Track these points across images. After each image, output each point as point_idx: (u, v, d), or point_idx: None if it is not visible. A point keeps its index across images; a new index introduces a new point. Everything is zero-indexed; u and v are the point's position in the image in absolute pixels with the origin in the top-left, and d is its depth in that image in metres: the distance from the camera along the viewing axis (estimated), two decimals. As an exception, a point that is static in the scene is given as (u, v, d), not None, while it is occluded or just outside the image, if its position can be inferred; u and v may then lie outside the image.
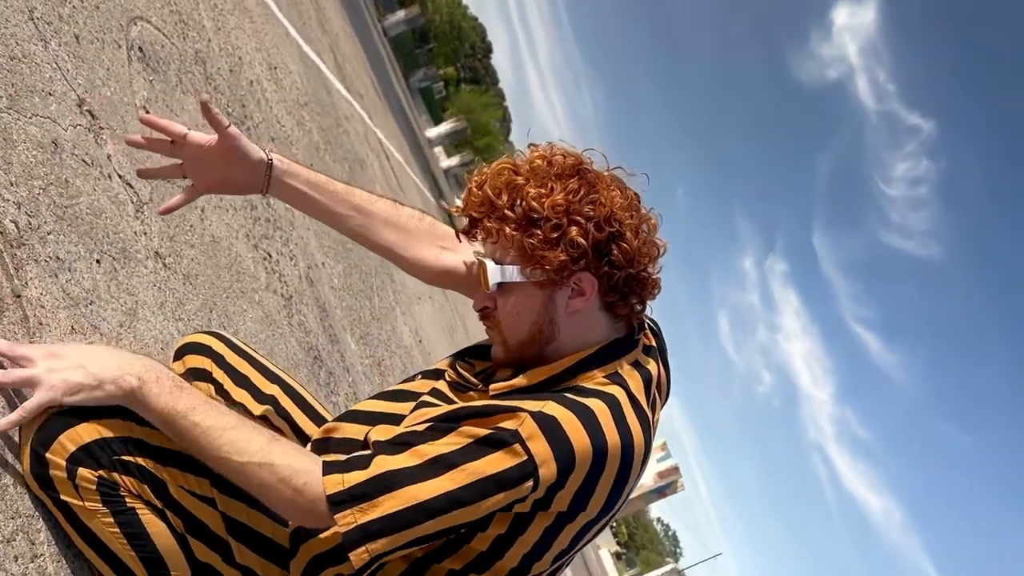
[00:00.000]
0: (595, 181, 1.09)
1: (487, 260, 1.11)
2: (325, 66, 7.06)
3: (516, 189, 1.07)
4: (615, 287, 1.09)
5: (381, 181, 7.87)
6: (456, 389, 1.18)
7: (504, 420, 1.01)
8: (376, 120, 10.62)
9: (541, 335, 1.12)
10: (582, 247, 1.04)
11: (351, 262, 4.27)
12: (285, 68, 4.70)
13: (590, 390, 1.05)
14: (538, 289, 1.09)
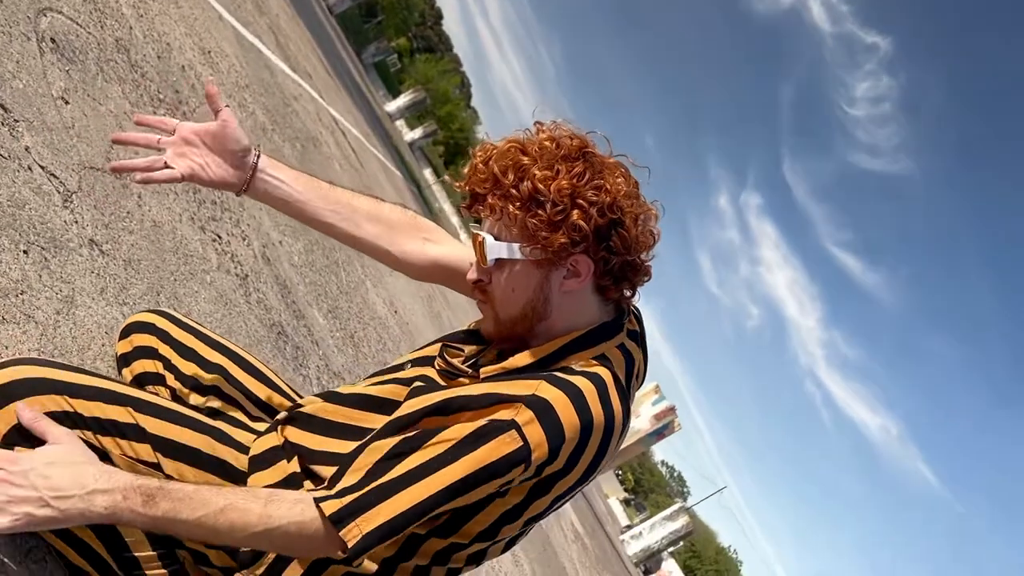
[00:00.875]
0: (600, 166, 1.09)
1: (486, 235, 1.12)
2: (266, 47, 6.93)
3: (523, 169, 1.07)
4: (610, 272, 1.11)
5: (338, 158, 7.79)
6: (446, 376, 1.18)
7: (499, 410, 1.03)
8: (328, 98, 10.48)
9: (534, 312, 1.13)
10: (584, 231, 1.06)
11: (312, 239, 4.24)
12: (221, 52, 4.62)
13: (578, 370, 1.07)
14: (535, 267, 1.11)
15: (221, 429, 1.20)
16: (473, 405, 1.05)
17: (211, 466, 1.14)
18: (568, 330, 1.13)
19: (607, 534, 22.80)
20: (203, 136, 1.28)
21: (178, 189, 2.54)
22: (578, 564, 9.10)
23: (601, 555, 14.25)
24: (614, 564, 17.04)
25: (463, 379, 1.15)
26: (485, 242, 1.12)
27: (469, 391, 1.09)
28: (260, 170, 1.30)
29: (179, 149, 1.27)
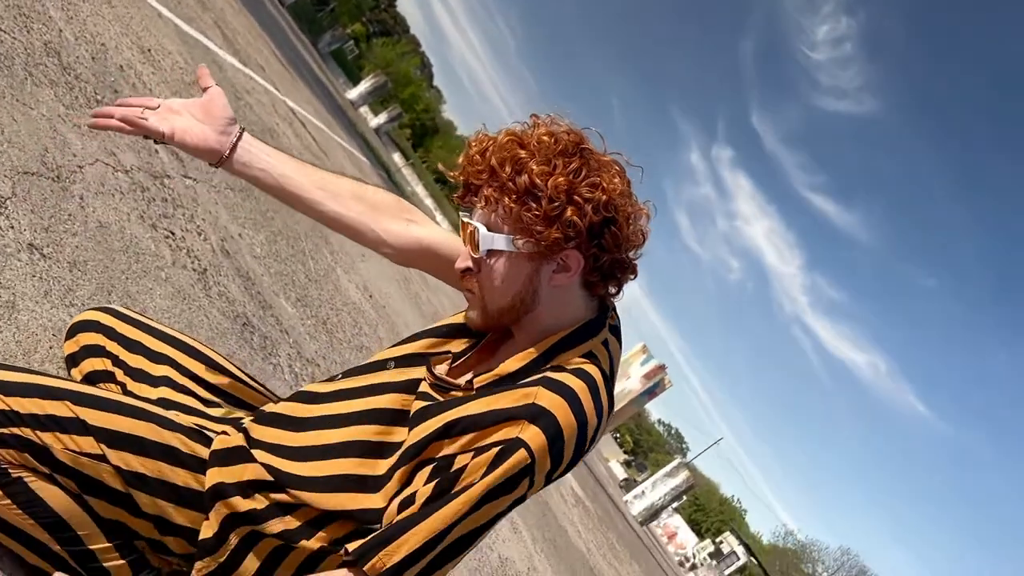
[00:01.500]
0: (597, 164, 1.09)
1: (479, 225, 1.12)
2: (212, 43, 6.83)
3: (520, 162, 1.07)
4: (599, 268, 1.12)
5: (298, 148, 7.71)
6: (439, 390, 1.16)
7: (503, 428, 1.04)
8: (284, 89, 10.34)
9: (522, 304, 1.13)
10: (578, 227, 1.06)
11: (274, 229, 4.21)
12: (162, 50, 4.54)
13: (569, 369, 1.09)
14: (526, 260, 1.11)
15: (167, 416, 1.19)
16: (477, 425, 1.06)
17: (158, 453, 1.13)
18: (555, 323, 1.14)
19: (609, 496, 23.04)
20: (189, 108, 1.26)
21: (123, 188, 2.51)
22: (580, 527, 9.20)
23: (604, 516, 14.41)
24: (619, 524, 17.24)
25: (456, 392, 1.15)
26: (478, 232, 1.12)
27: (470, 410, 1.09)
28: (244, 141, 1.28)
29: (163, 115, 1.25)
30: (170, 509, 1.15)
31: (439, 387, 1.16)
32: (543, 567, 5.20)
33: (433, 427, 1.10)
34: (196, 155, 1.28)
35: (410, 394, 1.20)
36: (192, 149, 1.26)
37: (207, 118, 1.26)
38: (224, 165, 1.29)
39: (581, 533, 8.88)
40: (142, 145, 3.01)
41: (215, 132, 1.26)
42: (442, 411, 1.11)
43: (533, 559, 5.04)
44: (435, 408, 1.13)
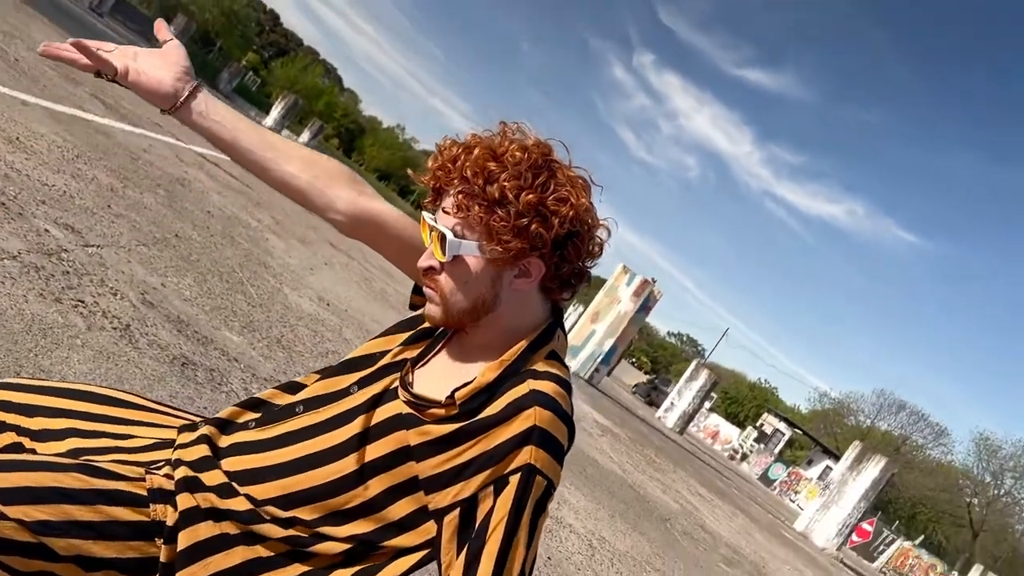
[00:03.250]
0: (565, 179, 1.12)
1: (446, 230, 1.13)
2: (92, 114, 6.71)
3: (492, 174, 1.09)
4: (559, 276, 1.16)
5: (215, 188, 7.62)
6: (418, 409, 1.16)
7: (516, 457, 1.07)
8: (188, 137, 10.19)
9: (483, 306, 1.16)
10: (544, 239, 1.10)
11: (201, 270, 4.19)
12: (33, 134, 4.46)
13: (542, 372, 1.14)
14: (489, 264, 1.13)
15: (62, 461, 1.19)
16: (492, 461, 1.09)
17: (56, 496, 1.13)
18: (514, 324, 1.18)
19: (641, 418, 23.31)
20: (145, 55, 1.23)
21: (15, 273, 2.48)
22: (612, 452, 9.33)
23: (637, 437, 14.60)
24: (655, 439, 17.46)
25: (436, 409, 1.14)
26: (445, 237, 1.13)
27: (480, 448, 1.10)
28: (201, 91, 1.25)
29: (118, 55, 1.21)
30: (89, 545, 1.16)
31: (418, 405, 1.16)
32: (575, 497, 5.29)
33: (443, 467, 1.12)
34: (150, 98, 1.24)
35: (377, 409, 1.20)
36: (146, 91, 1.22)
37: (164, 65, 1.23)
38: (179, 112, 1.24)
39: (613, 458, 9.01)
40: (29, 227, 2.98)
41: (171, 78, 1.23)
42: (450, 446, 1.13)
43: (563, 494, 5.13)
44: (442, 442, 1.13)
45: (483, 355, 1.19)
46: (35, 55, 7.63)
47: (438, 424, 1.13)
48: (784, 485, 43.26)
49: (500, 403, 1.11)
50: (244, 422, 1.29)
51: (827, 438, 51.92)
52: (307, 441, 1.21)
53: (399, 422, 1.16)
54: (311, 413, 1.24)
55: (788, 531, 18.54)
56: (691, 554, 6.33)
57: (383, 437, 1.16)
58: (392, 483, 1.16)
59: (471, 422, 1.11)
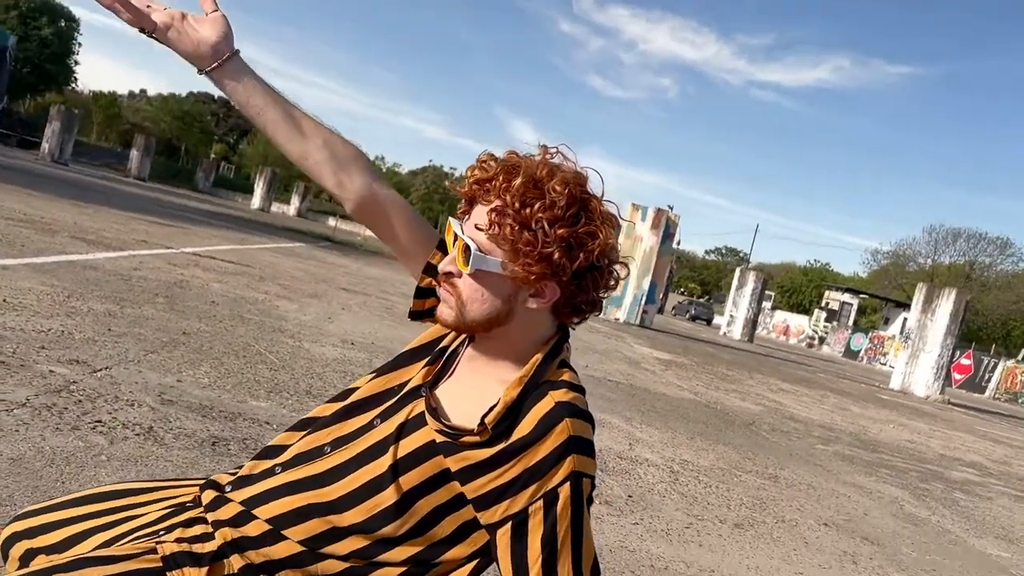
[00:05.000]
0: (596, 215, 1.16)
1: (472, 243, 1.16)
2: (75, 255, 6.86)
3: (528, 201, 1.13)
4: (572, 303, 1.20)
5: (214, 279, 7.74)
6: (451, 438, 1.19)
7: (560, 470, 1.13)
8: (177, 243, 10.38)
9: (496, 320, 1.19)
10: (566, 269, 1.14)
11: (215, 356, 4.27)
12: (19, 291, 4.59)
13: (558, 382, 1.19)
14: (508, 282, 1.17)
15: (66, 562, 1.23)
16: (536, 476, 1.14)
17: None
18: (523, 338, 1.22)
19: (704, 341, 23.18)
20: (191, 18, 1.28)
21: (25, 419, 2.57)
22: (679, 381, 9.30)
23: (703, 360, 14.54)
24: (724, 355, 17.38)
25: (469, 437, 1.17)
26: (471, 249, 1.16)
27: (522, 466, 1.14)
28: (238, 58, 1.29)
29: (161, 15, 1.26)
30: None
31: (451, 434, 1.19)
32: (647, 433, 5.30)
33: (488, 487, 1.16)
34: (189, 57, 1.28)
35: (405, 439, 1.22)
36: (185, 50, 1.27)
37: (206, 29, 1.28)
38: (216, 72, 1.28)
39: (683, 385, 8.99)
40: (32, 374, 3.07)
41: (212, 40, 1.27)
42: (492, 468, 1.16)
43: (633, 433, 5.14)
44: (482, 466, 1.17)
45: (498, 371, 1.23)
46: (7, 225, 7.84)
47: (475, 449, 1.16)
48: (869, 352, 42.67)
49: (530, 421, 1.15)
50: (269, 468, 1.30)
51: (896, 292, 51.04)
52: (344, 479, 1.23)
53: (432, 449, 1.19)
54: (339, 451, 1.26)
55: (885, 393, 18.31)
56: (783, 447, 6.30)
57: (419, 465, 1.20)
58: (437, 503, 1.20)
59: (508, 444, 1.15)
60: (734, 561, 3.06)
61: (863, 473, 5.98)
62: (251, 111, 1.32)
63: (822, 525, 3.99)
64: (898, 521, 4.58)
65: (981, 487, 6.83)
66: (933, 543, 4.27)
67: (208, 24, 1.28)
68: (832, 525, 4.05)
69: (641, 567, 2.72)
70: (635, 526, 3.18)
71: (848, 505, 4.65)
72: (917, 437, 9.79)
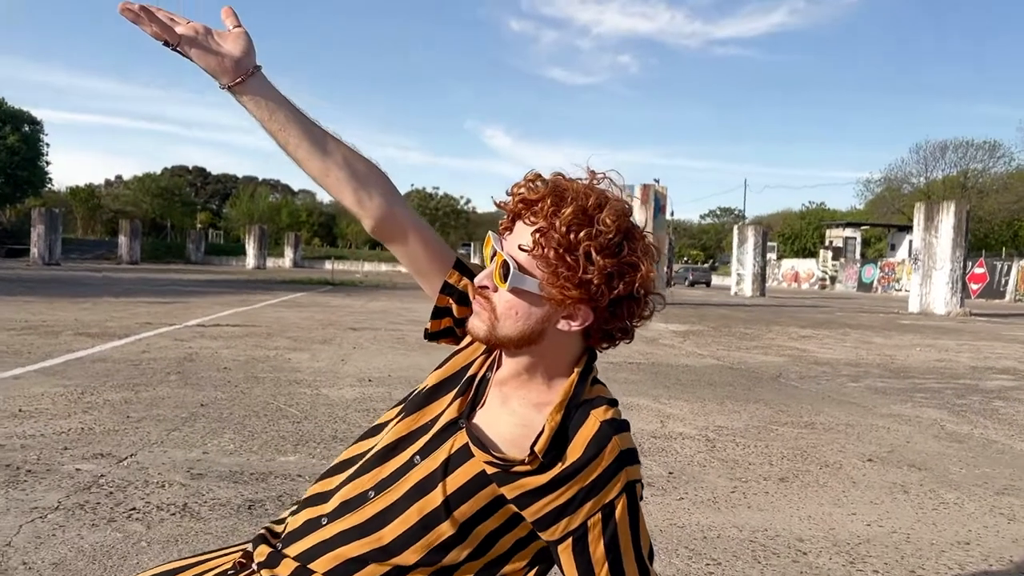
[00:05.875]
0: (640, 248, 1.16)
1: (512, 261, 1.16)
2: (81, 351, 6.89)
3: (576, 229, 1.13)
4: (604, 329, 1.20)
5: (222, 345, 7.76)
6: (502, 468, 1.19)
7: (616, 484, 1.16)
8: (179, 319, 10.41)
9: (528, 338, 1.20)
10: (604, 296, 1.14)
11: (235, 422, 4.28)
12: (32, 397, 4.61)
13: (596, 400, 1.21)
14: (544, 303, 1.17)
15: None
16: (593, 492, 1.16)
17: None
18: (554, 358, 1.23)
19: (717, 305, 23.13)
20: (215, 33, 1.28)
21: (60, 522, 2.57)
22: (700, 349, 9.28)
23: (720, 323, 14.50)
24: (740, 314, 17.33)
25: (521, 466, 1.19)
26: (510, 267, 1.16)
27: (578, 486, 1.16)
28: (261, 74, 1.30)
29: (185, 28, 1.26)
30: None
31: (502, 465, 1.20)
32: (676, 407, 5.28)
33: (546, 509, 1.18)
34: (212, 71, 1.27)
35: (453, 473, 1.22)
36: (209, 64, 1.27)
37: (229, 45, 1.28)
38: (239, 87, 1.28)
39: (703, 352, 8.96)
40: (60, 476, 3.08)
41: (235, 56, 1.27)
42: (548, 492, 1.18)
43: (663, 410, 5.12)
44: (538, 492, 1.19)
45: (530, 394, 1.24)
46: (10, 335, 7.88)
47: (528, 477, 1.17)
48: (882, 281, 42.53)
49: (579, 444, 1.16)
50: (315, 520, 1.28)
51: (896, 217, 50.90)
52: (395, 520, 1.23)
53: (484, 480, 1.20)
54: (385, 494, 1.25)
55: (906, 318, 18.24)
56: (813, 392, 6.27)
57: (472, 496, 1.20)
58: (494, 527, 1.21)
59: (562, 469, 1.16)
60: (785, 515, 3.04)
61: (898, 402, 5.95)
62: (272, 127, 1.32)
63: (866, 462, 3.97)
64: (941, 442, 4.55)
65: (1018, 391, 6.79)
66: (980, 456, 4.24)
67: (231, 39, 1.28)
68: (876, 460, 4.03)
69: (694, 540, 2.71)
70: (680, 501, 3.17)
71: (889, 437, 4.63)
72: (945, 355, 9.74)
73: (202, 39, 1.26)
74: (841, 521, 3.00)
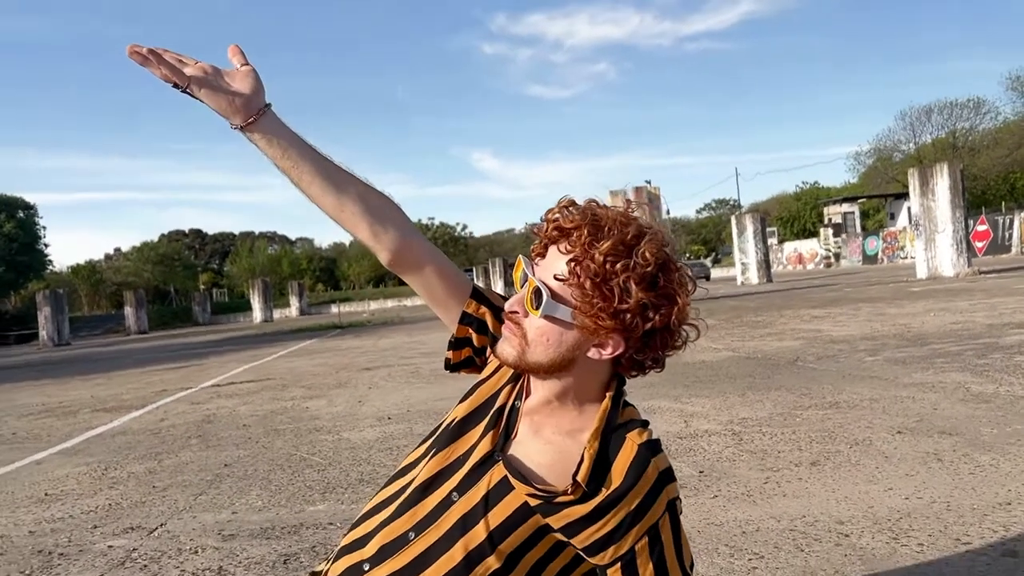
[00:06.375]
0: (675, 278, 1.16)
1: (545, 289, 1.15)
2: (100, 427, 6.89)
3: (613, 260, 1.12)
4: (634, 359, 1.20)
5: (240, 403, 7.76)
6: (545, 500, 1.18)
7: (660, 504, 1.17)
8: (195, 381, 10.43)
9: (558, 366, 1.19)
10: (638, 328, 1.14)
11: (261, 476, 4.27)
12: (56, 480, 4.62)
13: (629, 423, 1.21)
14: (576, 331, 1.16)
15: None
16: (639, 516, 1.17)
17: None
18: (584, 385, 1.23)
19: (724, 296, 23.07)
20: (224, 73, 1.28)
21: (98, 601, 2.56)
22: (713, 344, 9.23)
23: (730, 315, 14.44)
24: (749, 303, 17.28)
25: (564, 495, 1.18)
26: (543, 295, 1.15)
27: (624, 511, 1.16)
28: (271, 113, 1.29)
29: (193, 70, 1.26)
30: None
31: (545, 496, 1.19)
32: (698, 405, 5.25)
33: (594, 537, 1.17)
34: (223, 112, 1.27)
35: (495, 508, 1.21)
36: (219, 105, 1.26)
37: (238, 84, 1.27)
38: (250, 127, 1.27)
39: (718, 347, 8.92)
40: (94, 555, 3.07)
41: (245, 96, 1.27)
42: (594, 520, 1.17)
43: (684, 409, 5.09)
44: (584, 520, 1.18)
45: (561, 422, 1.24)
46: (28, 420, 7.89)
47: (572, 507, 1.17)
48: (887, 252, 42.42)
49: (620, 470, 1.16)
50: (355, 566, 1.27)
51: (891, 186, 50.82)
52: (439, 559, 1.21)
53: (527, 512, 1.19)
54: (425, 534, 1.23)
55: (916, 285, 18.16)
56: (834, 371, 6.23)
57: (515, 529, 1.19)
58: (540, 556, 1.21)
59: (606, 497, 1.16)
60: (821, 499, 3.01)
61: (919, 370, 5.91)
62: (284, 165, 1.31)
63: (896, 434, 3.94)
64: (968, 405, 4.51)
65: (1038, 343, 6.73)
66: (1009, 414, 4.20)
67: (239, 78, 1.28)
68: (906, 431, 3.99)
69: (733, 537, 2.68)
70: (715, 499, 3.13)
71: (915, 406, 4.59)
72: (960, 316, 9.69)
73: (211, 80, 1.25)
74: (879, 498, 2.97)
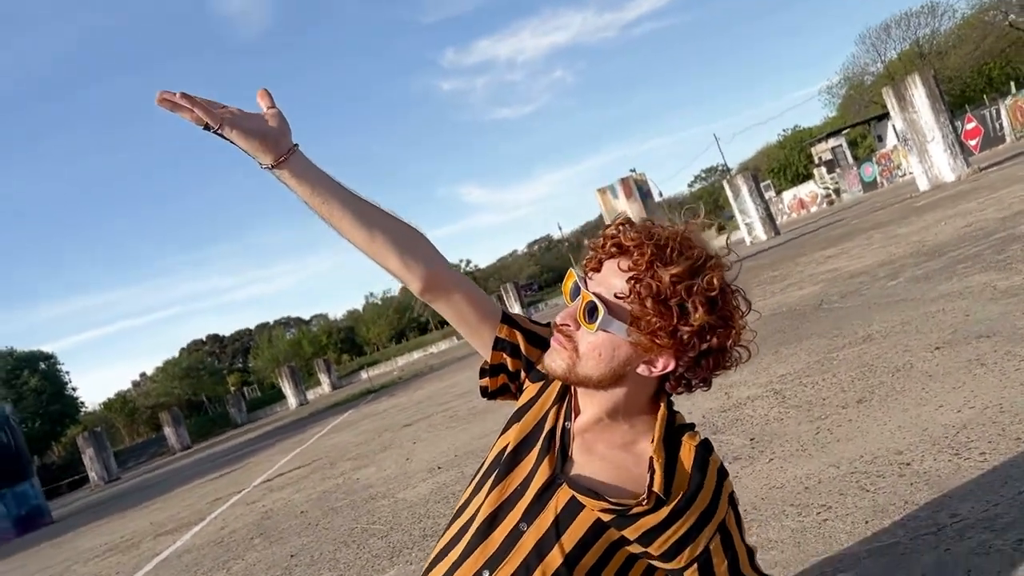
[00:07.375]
0: (733, 302, 1.18)
1: (601, 305, 1.16)
2: (165, 551, 6.91)
3: (677, 280, 1.13)
4: (683, 377, 1.21)
5: (291, 492, 7.75)
6: (620, 513, 1.19)
7: (723, 503, 1.21)
8: (245, 480, 10.44)
9: (608, 380, 1.20)
10: (693, 348, 1.15)
11: (329, 558, 4.25)
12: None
13: (683, 427, 1.26)
14: (628, 347, 1.17)
15: None
16: (707, 517, 1.19)
17: None
18: (632, 400, 1.24)
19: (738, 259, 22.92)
20: (251, 115, 1.31)
21: None
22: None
23: (747, 274, 14.28)
24: (762, 261, 17.12)
25: (640, 506, 1.19)
26: (599, 310, 1.15)
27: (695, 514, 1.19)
28: (299, 152, 1.32)
29: (222, 112, 1.29)
30: None
31: (619, 510, 1.20)
32: (736, 375, 5.19)
33: (669, 542, 1.19)
34: (253, 152, 1.30)
35: (566, 532, 1.21)
36: (249, 146, 1.29)
37: (266, 126, 1.31)
38: (281, 167, 1.30)
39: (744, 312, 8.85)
40: None
41: (274, 137, 1.30)
42: (668, 526, 1.19)
43: (723, 381, 5.04)
44: (659, 528, 1.19)
45: (613, 436, 1.26)
46: (95, 563, 7.91)
47: (646, 516, 1.18)
48: (884, 174, 42.15)
49: (684, 474, 1.19)
50: None
51: (872, 109, 50.60)
52: None
53: (601, 528, 1.20)
54: (499, 569, 1.23)
55: (921, 199, 17.99)
56: (859, 306, 6.16)
57: (591, 547, 1.20)
58: (616, 569, 1.21)
59: (677, 502, 1.18)
60: (875, 436, 2.97)
61: (943, 281, 5.84)
62: (314, 202, 1.33)
63: (934, 351, 3.88)
64: (999, 303, 4.45)
65: (1053, 223, 6.63)
66: (1041, 300, 4.13)
67: (268, 120, 1.31)
68: (943, 345, 3.93)
69: (797, 495, 2.64)
70: (771, 462, 3.09)
71: (947, 318, 4.53)
72: (971, 217, 9.58)
73: (241, 121, 1.29)
74: (931, 418, 2.92)
